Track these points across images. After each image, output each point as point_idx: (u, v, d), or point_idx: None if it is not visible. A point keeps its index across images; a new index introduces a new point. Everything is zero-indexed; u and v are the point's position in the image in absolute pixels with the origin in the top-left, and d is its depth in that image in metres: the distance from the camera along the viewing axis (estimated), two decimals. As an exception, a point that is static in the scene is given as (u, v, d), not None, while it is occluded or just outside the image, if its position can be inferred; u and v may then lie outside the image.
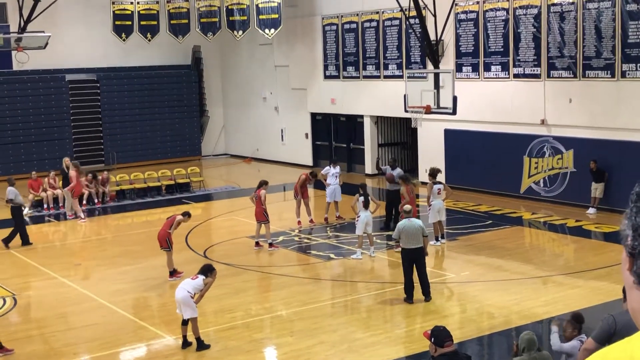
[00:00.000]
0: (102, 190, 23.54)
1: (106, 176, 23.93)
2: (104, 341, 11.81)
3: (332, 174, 19.86)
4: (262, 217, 17.14)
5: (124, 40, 28.39)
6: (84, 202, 22.66)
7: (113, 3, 27.94)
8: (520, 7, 21.27)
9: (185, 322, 11.34)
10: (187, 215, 15.46)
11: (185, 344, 11.35)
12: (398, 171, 18.85)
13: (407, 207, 13.93)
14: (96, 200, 23.32)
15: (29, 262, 17.02)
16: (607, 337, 6.24)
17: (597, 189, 19.22)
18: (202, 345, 11.28)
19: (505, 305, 12.87)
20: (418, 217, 16.55)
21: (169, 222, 15.17)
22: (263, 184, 17.46)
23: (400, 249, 16.49)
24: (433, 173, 17.29)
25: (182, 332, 11.40)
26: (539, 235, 18.56)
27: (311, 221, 19.53)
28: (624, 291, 6.68)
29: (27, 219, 21.98)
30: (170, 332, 12.11)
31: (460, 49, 22.98)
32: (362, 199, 16.23)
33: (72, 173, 21.73)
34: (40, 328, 12.61)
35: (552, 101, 20.73)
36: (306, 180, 19.55)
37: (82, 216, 21.40)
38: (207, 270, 11.56)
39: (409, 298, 13.05)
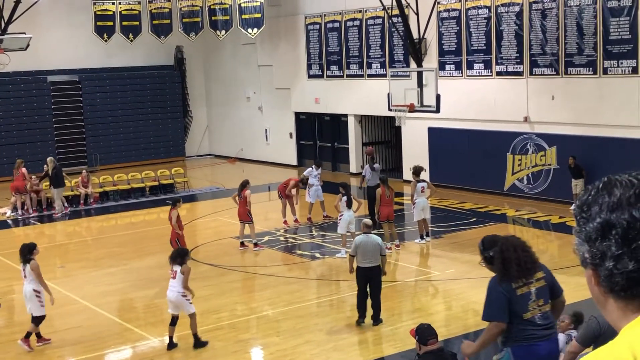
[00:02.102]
0: (84, 192, 23.39)
1: (86, 175, 23.71)
2: (89, 344, 11.75)
3: (314, 175, 19.91)
4: (246, 217, 17.13)
5: (105, 41, 28.23)
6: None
7: (94, 4, 27.79)
8: (502, 5, 21.35)
9: (173, 323, 11.28)
10: (176, 203, 15.28)
11: (171, 345, 11.30)
12: (377, 167, 18.86)
13: (367, 221, 12.66)
14: (65, 204, 23.17)
15: (12, 265, 16.88)
16: (592, 339, 6.22)
17: (577, 185, 19.32)
18: (199, 343, 11.25)
19: (491, 302, 12.89)
20: (389, 219, 16.58)
21: (171, 222, 15.09)
22: (247, 183, 17.43)
23: (390, 249, 16.54)
24: (417, 171, 17.31)
25: (169, 333, 11.33)
26: (523, 232, 18.64)
27: (296, 221, 19.54)
28: None
29: (9, 221, 21.89)
30: (155, 333, 12.06)
31: (443, 47, 23.04)
32: (345, 198, 16.25)
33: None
34: (24, 331, 12.51)
35: (535, 98, 20.82)
36: (296, 186, 19.55)
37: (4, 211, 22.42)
38: (178, 257, 11.30)
39: (360, 318, 11.94)
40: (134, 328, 12.44)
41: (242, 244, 17.31)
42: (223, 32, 27.99)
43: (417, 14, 19.95)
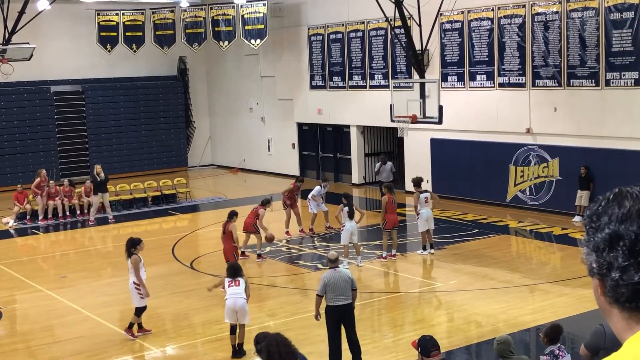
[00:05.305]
0: (87, 201, 23.38)
1: (89, 185, 23.62)
2: (90, 354, 11.73)
3: (322, 194, 19.89)
4: (251, 228, 17.16)
5: (109, 51, 28.32)
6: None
7: (98, 14, 27.89)
8: (505, 17, 21.39)
9: (234, 331, 11.41)
10: (232, 216, 15.15)
11: (235, 352, 11.39)
12: (389, 165, 18.84)
13: (333, 254, 11.25)
14: (78, 212, 23.20)
15: (14, 274, 16.90)
16: (597, 348, 6.20)
17: (582, 197, 19.29)
18: (241, 351, 11.41)
19: (493, 314, 12.88)
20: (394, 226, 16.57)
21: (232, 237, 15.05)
22: (266, 203, 17.49)
23: (386, 259, 16.54)
24: (417, 182, 17.29)
25: (232, 342, 11.44)
26: (525, 244, 18.61)
27: (301, 231, 19.52)
28: None
29: (12, 231, 21.90)
30: (156, 344, 12.04)
31: (446, 58, 23.08)
32: (346, 209, 16.20)
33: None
34: (26, 341, 12.51)
35: (537, 110, 20.83)
36: (294, 189, 19.56)
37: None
38: (239, 270, 11.62)
39: None
40: (136, 338, 12.40)
41: (242, 253, 17.31)
42: (226, 42, 28.08)
43: (419, 25, 19.98)
